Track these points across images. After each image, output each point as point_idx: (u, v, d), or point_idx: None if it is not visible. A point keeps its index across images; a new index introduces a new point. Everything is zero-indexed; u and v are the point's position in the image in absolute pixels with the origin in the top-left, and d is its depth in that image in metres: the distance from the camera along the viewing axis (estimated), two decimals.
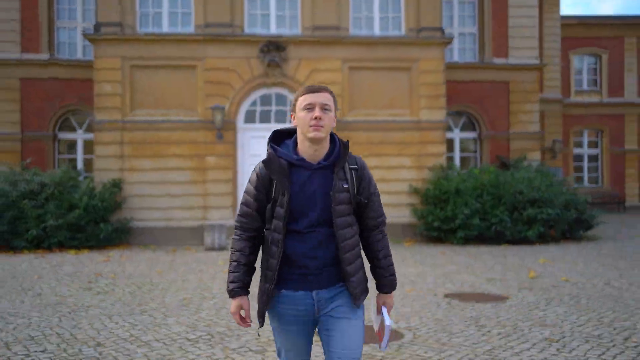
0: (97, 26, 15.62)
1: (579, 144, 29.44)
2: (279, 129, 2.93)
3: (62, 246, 14.33)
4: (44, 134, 17.98)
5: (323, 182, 2.76)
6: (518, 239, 15.36)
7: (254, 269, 2.90)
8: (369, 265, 2.98)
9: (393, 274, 2.95)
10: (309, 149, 2.76)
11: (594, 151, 29.48)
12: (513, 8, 19.65)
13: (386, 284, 2.94)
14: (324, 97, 2.76)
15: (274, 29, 16.27)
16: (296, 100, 2.82)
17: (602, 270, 10.82)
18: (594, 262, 11.85)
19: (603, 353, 5.51)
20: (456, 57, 19.71)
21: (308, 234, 2.74)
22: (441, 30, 16.53)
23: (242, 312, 3.05)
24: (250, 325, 2.86)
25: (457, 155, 19.60)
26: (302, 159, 2.77)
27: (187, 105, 15.75)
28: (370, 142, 16.06)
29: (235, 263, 2.85)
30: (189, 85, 15.75)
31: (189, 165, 15.73)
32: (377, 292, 3.00)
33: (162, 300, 8.16)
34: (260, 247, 2.93)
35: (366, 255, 2.97)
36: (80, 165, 18.12)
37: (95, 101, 15.56)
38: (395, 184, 16.06)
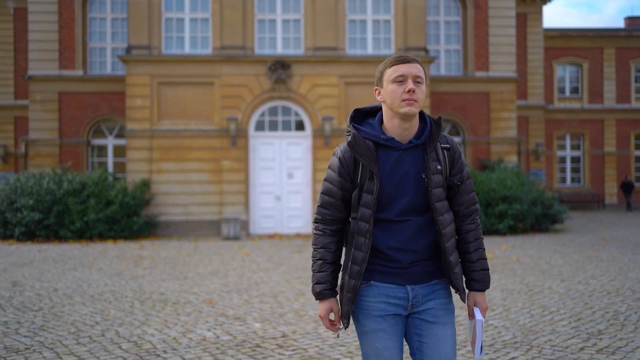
0: (129, 48, 18.22)
1: (562, 147, 31.86)
2: (359, 107, 2.71)
3: (101, 236, 16.92)
4: (79, 140, 20.55)
5: (414, 163, 2.52)
6: (491, 230, 17.83)
7: (340, 266, 2.66)
8: None
9: (486, 269, 2.66)
10: (399, 127, 2.52)
11: (575, 153, 31.91)
12: (493, 28, 22.10)
13: (478, 279, 2.65)
14: (416, 69, 2.51)
15: (280, 50, 18.83)
16: (383, 72, 2.57)
17: (549, 254, 13.29)
18: (546, 249, 14.30)
19: (508, 297, 8.01)
20: (443, 71, 22.17)
21: (400, 224, 2.51)
22: (425, 49, 19.04)
23: (332, 316, 2.89)
24: (340, 329, 2.66)
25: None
26: (391, 139, 2.52)
27: (206, 116, 18.32)
28: None
29: (320, 262, 2.61)
30: (207, 99, 18.32)
31: (207, 167, 18.29)
32: (468, 293, 2.69)
33: (196, 271, 10.71)
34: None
35: None
36: (110, 167, 20.67)
37: (127, 113, 18.16)
38: None
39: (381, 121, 2.62)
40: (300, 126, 18.79)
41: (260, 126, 18.72)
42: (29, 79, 20.27)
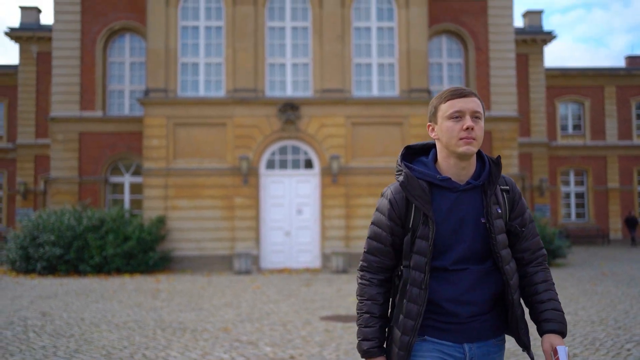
0: (147, 91, 19.27)
1: (566, 183, 32.52)
2: (411, 144, 2.57)
3: (119, 271, 17.69)
4: (98, 178, 21.48)
5: (473, 206, 2.36)
6: None
7: (389, 320, 2.46)
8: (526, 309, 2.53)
9: (560, 310, 2.41)
10: (456, 166, 2.36)
11: (579, 189, 32.53)
12: (494, 69, 23.03)
13: (552, 318, 2.37)
14: (474, 103, 2.35)
15: (289, 92, 19.82)
16: (437, 107, 2.40)
17: None
18: None
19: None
20: None
21: (457, 273, 2.32)
22: (428, 91, 19.97)
23: None
24: None
25: None
26: (447, 179, 2.36)
27: (219, 155, 19.23)
28: (369, 184, 19.38)
29: (367, 315, 2.41)
30: (220, 139, 19.26)
31: (220, 204, 19.13)
32: (543, 337, 2.39)
33: (211, 303, 11.44)
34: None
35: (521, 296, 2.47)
36: (127, 204, 21.55)
37: (144, 152, 19.11)
38: None
39: (435, 159, 2.45)
40: (308, 164, 19.65)
41: (270, 165, 19.58)
42: (52, 120, 21.35)
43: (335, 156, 19.16)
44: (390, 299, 2.48)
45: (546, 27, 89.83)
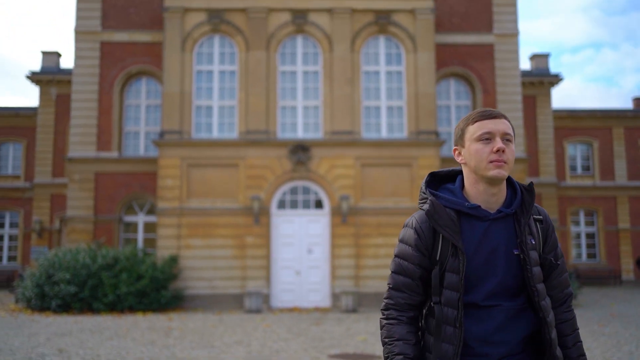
0: (162, 133, 19.85)
1: (577, 223, 32.56)
2: (435, 171, 2.45)
3: (132, 309, 17.96)
4: (112, 217, 21.93)
5: (505, 236, 2.21)
6: None
7: None
8: None
9: (585, 355, 2.34)
10: (485, 193, 2.23)
11: (590, 229, 32.54)
12: (501, 111, 23.47)
13: None
14: (505, 125, 2.23)
15: (300, 134, 20.32)
16: (464, 129, 2.29)
17: None
18: None
19: None
20: None
21: (488, 309, 2.17)
22: (436, 133, 20.40)
23: None
24: None
25: None
26: (477, 207, 2.22)
27: (231, 195, 19.65)
28: (379, 224, 19.67)
29: (399, 357, 2.20)
30: (233, 179, 19.71)
31: (231, 243, 19.46)
32: None
33: (222, 340, 11.68)
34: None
35: None
36: (140, 243, 21.92)
37: (159, 192, 19.58)
38: None
39: (462, 186, 2.31)
40: (319, 204, 20.01)
41: (281, 204, 19.96)
42: (69, 160, 21.94)
43: (345, 196, 19.51)
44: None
45: (556, 67, 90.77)
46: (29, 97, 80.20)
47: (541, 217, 2.35)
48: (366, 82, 20.82)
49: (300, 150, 19.72)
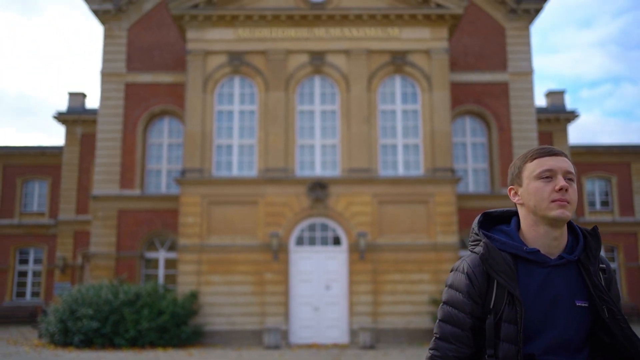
0: (183, 171, 20.38)
1: None
2: (489, 210, 2.31)
3: (152, 344, 18.22)
4: (134, 253, 22.35)
5: (567, 285, 2.05)
6: None
7: None
8: None
9: None
10: (546, 236, 2.08)
11: (611, 266, 32.22)
12: (517, 148, 23.68)
13: None
14: (566, 163, 2.10)
15: (318, 171, 20.72)
16: (521, 167, 2.16)
17: None
18: None
19: None
20: (471, 189, 23.62)
21: None
22: (452, 170, 20.68)
23: None
24: None
25: None
26: (536, 251, 2.07)
27: (250, 232, 20.00)
28: (396, 261, 19.84)
29: None
30: (252, 216, 20.09)
31: (251, 280, 19.73)
32: None
33: None
34: None
35: None
36: (161, 279, 22.26)
37: (180, 229, 20.00)
38: (417, 296, 19.63)
39: (518, 228, 2.18)
40: (337, 241, 20.26)
41: (300, 241, 20.25)
42: (93, 198, 22.52)
43: (362, 233, 19.75)
44: None
45: (575, 101, 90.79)
46: (54, 134, 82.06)
47: (604, 265, 2.16)
48: (383, 121, 21.25)
49: (318, 187, 20.08)
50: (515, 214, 2.23)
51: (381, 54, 21.28)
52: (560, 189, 2.04)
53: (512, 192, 2.21)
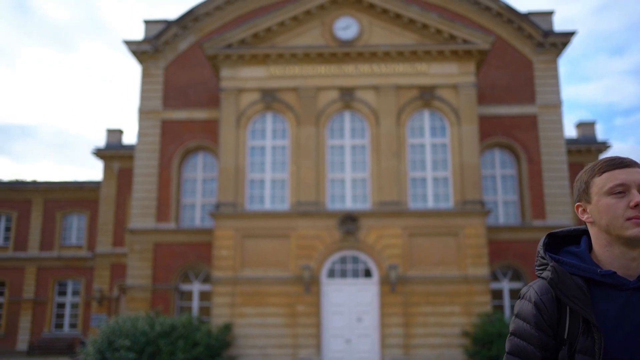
0: (217, 205, 20.94)
1: None
2: (554, 231, 2.09)
3: None
4: (169, 286, 22.87)
5: None
6: None
7: None
8: None
9: None
10: (623, 256, 1.89)
11: None
12: (547, 180, 23.69)
13: None
14: None
15: (349, 205, 21.08)
16: (589, 181, 1.97)
17: None
18: None
19: None
20: (501, 220, 23.65)
21: None
22: (481, 202, 20.84)
23: None
24: None
25: (506, 302, 22.84)
26: (612, 274, 1.87)
27: (282, 264, 20.38)
28: (427, 293, 19.96)
29: None
30: (284, 249, 20.48)
31: (283, 312, 20.03)
32: None
33: None
34: None
35: None
36: (195, 310, 22.68)
37: (214, 262, 20.49)
38: (449, 328, 19.66)
39: (589, 249, 2.00)
40: (367, 273, 20.49)
41: (331, 274, 20.53)
42: (130, 231, 23.19)
43: (393, 266, 19.95)
44: None
45: (608, 130, 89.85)
46: (87, 165, 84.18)
47: None
48: (412, 154, 21.59)
49: (349, 220, 20.41)
50: (585, 232, 2.05)
51: (409, 89, 21.73)
52: (637, 206, 1.84)
53: (580, 209, 2.00)
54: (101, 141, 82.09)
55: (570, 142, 29.24)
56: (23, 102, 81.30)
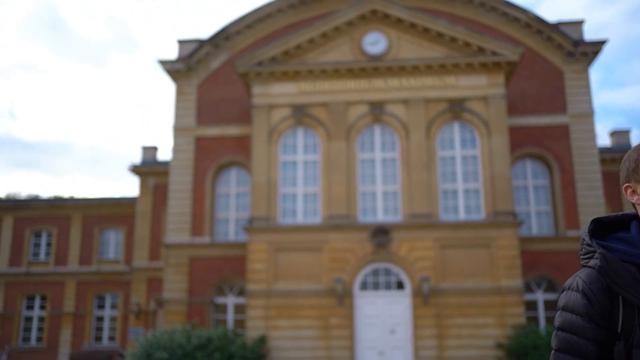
0: (251, 220, 21.33)
1: None
2: (600, 217, 1.96)
3: None
4: (204, 299, 23.29)
5: None
6: None
7: None
8: None
9: None
10: None
11: None
12: (580, 190, 23.47)
13: None
14: None
15: (380, 218, 21.26)
16: (638, 160, 1.86)
17: None
18: None
19: None
20: (534, 231, 23.52)
21: None
22: (513, 214, 20.80)
23: None
24: None
25: (541, 314, 22.60)
26: None
27: (315, 277, 20.64)
28: (460, 305, 19.97)
29: None
30: (316, 262, 20.74)
31: (316, 324, 20.26)
32: None
33: None
34: None
35: None
36: (230, 323, 23.04)
37: (248, 275, 20.85)
38: (482, 340, 19.63)
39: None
40: (400, 285, 20.60)
41: (363, 286, 20.70)
42: (166, 246, 23.73)
43: (425, 278, 20.03)
44: None
45: None
46: (117, 178, 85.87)
47: None
48: (442, 166, 21.70)
49: (381, 233, 20.58)
50: (634, 217, 1.92)
51: (439, 101, 21.88)
52: None
53: (629, 190, 1.90)
54: (134, 156, 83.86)
55: (603, 150, 28.91)
56: (59, 120, 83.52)
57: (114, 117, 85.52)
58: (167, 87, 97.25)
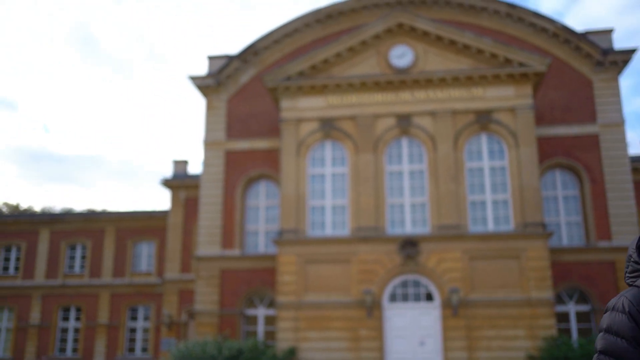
0: (280, 232, 21.60)
1: None
2: None
3: None
4: (235, 311, 23.59)
5: None
6: None
7: None
8: None
9: None
10: None
11: None
12: (611, 200, 23.22)
13: None
14: None
15: (409, 229, 21.34)
16: None
17: None
18: None
19: None
20: (565, 242, 23.32)
21: None
22: (543, 225, 20.69)
23: None
24: None
25: (573, 325, 22.37)
26: None
27: (344, 289, 20.78)
28: (490, 316, 19.91)
29: None
30: (345, 274, 20.90)
31: (346, 336, 20.38)
32: None
33: None
34: None
35: None
36: (260, 335, 23.28)
37: (278, 287, 21.09)
38: (513, 352, 19.52)
39: None
40: (429, 297, 20.62)
41: (392, 298, 20.77)
42: (197, 258, 24.12)
43: (454, 289, 20.02)
44: None
45: None
46: (151, 193, 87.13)
47: None
48: (470, 178, 21.72)
49: (409, 245, 20.66)
50: None
51: (466, 113, 21.94)
52: None
53: None
54: (164, 170, 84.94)
55: (635, 159, 28.54)
56: (91, 134, 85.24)
57: (144, 132, 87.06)
58: (197, 102, 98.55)
